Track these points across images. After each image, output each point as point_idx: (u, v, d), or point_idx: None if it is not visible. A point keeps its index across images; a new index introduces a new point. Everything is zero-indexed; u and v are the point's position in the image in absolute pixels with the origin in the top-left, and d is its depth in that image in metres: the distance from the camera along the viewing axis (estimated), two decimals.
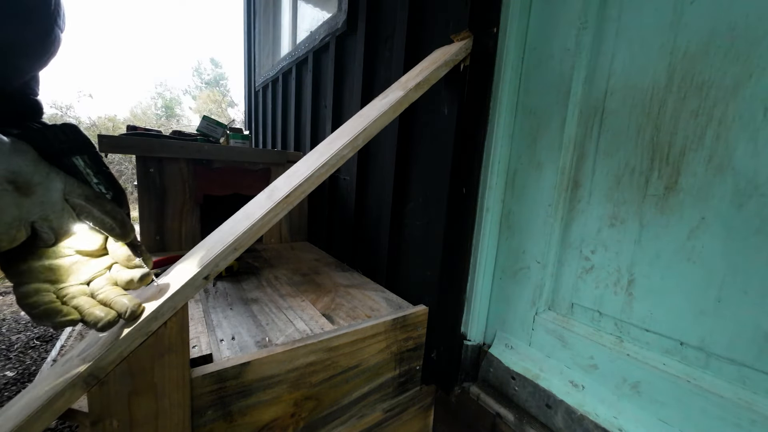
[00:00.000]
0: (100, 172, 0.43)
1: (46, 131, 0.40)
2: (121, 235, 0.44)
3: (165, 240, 1.25)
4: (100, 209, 0.42)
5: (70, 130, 0.41)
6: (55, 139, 0.40)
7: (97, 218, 0.42)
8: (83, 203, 0.41)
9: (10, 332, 1.78)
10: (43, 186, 0.38)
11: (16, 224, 0.37)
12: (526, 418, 0.72)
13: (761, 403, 0.49)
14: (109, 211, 0.43)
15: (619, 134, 0.63)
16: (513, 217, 0.80)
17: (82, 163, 0.42)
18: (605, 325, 0.67)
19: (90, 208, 0.41)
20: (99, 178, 0.43)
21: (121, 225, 0.44)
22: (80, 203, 0.41)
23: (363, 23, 1.11)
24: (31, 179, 0.37)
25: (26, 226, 0.38)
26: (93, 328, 0.41)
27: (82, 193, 0.41)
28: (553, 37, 0.71)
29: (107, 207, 0.43)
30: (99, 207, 0.42)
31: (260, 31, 2.62)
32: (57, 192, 0.39)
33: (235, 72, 18.72)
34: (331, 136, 0.69)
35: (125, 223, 0.44)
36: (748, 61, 0.49)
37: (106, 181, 0.44)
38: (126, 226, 0.44)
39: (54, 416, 0.40)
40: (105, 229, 0.43)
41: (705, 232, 0.54)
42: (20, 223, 0.37)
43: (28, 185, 0.37)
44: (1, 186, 0.35)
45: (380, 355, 0.75)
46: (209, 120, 1.56)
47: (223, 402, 0.56)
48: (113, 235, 0.44)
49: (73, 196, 0.41)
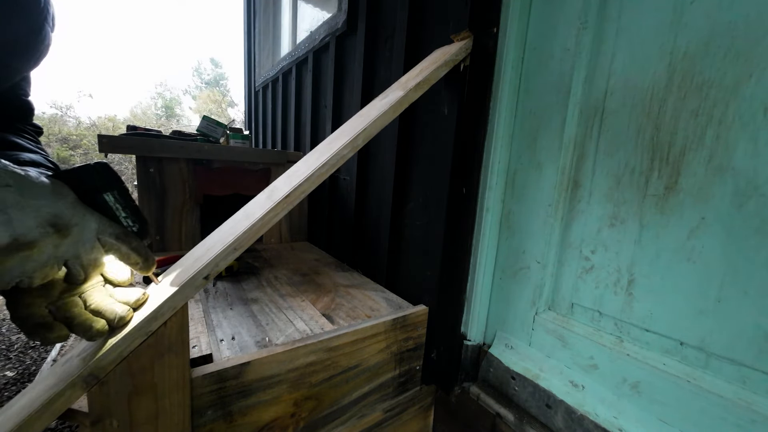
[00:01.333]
0: (127, 206, 0.45)
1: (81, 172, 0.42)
2: (143, 268, 0.47)
3: (165, 240, 1.25)
4: (128, 246, 0.45)
5: (103, 169, 0.43)
6: (90, 178, 0.42)
7: (125, 254, 0.45)
8: (114, 242, 0.43)
9: (10, 332, 1.78)
10: (79, 227, 0.40)
11: (51, 263, 0.38)
12: (526, 418, 0.72)
13: (761, 403, 0.49)
14: (135, 248, 0.45)
15: (619, 134, 0.63)
16: (513, 217, 0.80)
17: (112, 198, 0.44)
18: (605, 325, 0.67)
19: (119, 245, 0.44)
20: (127, 212, 0.45)
21: (145, 260, 0.47)
22: (111, 242, 0.43)
23: (363, 23, 1.11)
24: (70, 221, 0.39)
25: (59, 264, 0.39)
26: (83, 338, 0.42)
27: (113, 232, 0.43)
28: (553, 37, 0.71)
29: (134, 244, 0.45)
30: (127, 244, 0.44)
31: (260, 31, 2.62)
32: (91, 232, 0.41)
33: (235, 72, 18.72)
34: (331, 136, 0.69)
35: (148, 257, 0.47)
36: (748, 61, 0.49)
37: (132, 215, 0.46)
38: (149, 260, 0.47)
39: (54, 416, 0.40)
40: (130, 263, 0.46)
41: (705, 232, 0.54)
42: (55, 262, 0.38)
43: (67, 227, 0.39)
44: (44, 228, 0.37)
45: (380, 355, 0.75)
46: (209, 120, 1.56)
47: (223, 402, 0.56)
48: (136, 268, 0.47)
49: (105, 234, 0.42)
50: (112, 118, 8.14)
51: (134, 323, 0.45)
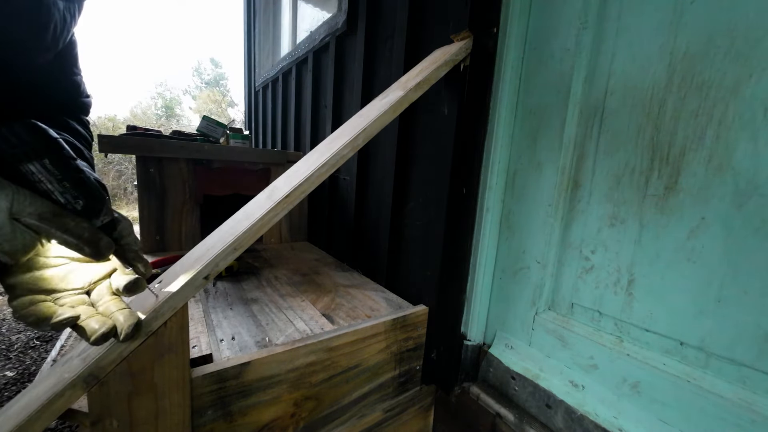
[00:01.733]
0: (66, 178, 0.36)
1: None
2: (92, 254, 0.37)
3: (165, 240, 1.25)
4: (59, 228, 0.35)
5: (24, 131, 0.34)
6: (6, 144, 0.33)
7: (59, 238, 0.36)
8: (37, 223, 0.34)
9: (10, 332, 1.78)
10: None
11: None
12: (526, 418, 0.72)
13: (761, 403, 0.49)
14: (71, 229, 0.36)
15: (619, 134, 0.63)
16: (513, 217, 0.80)
17: (39, 169, 0.34)
18: (605, 325, 0.67)
19: (47, 228, 0.35)
20: (64, 186, 0.36)
21: (90, 243, 0.37)
22: (34, 223, 0.34)
23: (363, 23, 1.11)
24: None
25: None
26: (86, 341, 0.39)
27: (34, 211, 0.34)
28: (553, 37, 0.71)
29: (69, 224, 0.36)
30: (58, 226, 0.35)
31: (260, 31, 2.62)
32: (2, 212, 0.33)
33: (235, 72, 18.73)
34: (331, 136, 0.69)
35: (95, 240, 0.37)
36: (748, 61, 0.49)
37: (75, 188, 0.36)
38: (97, 244, 0.37)
39: (54, 416, 0.40)
40: (72, 249, 0.37)
41: (705, 232, 0.53)
42: None
43: None
44: None
45: (380, 355, 0.75)
46: (209, 120, 1.56)
47: (223, 402, 0.56)
48: (84, 254, 0.37)
49: (24, 215, 0.34)
50: (112, 118, 8.14)
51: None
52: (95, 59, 45.72)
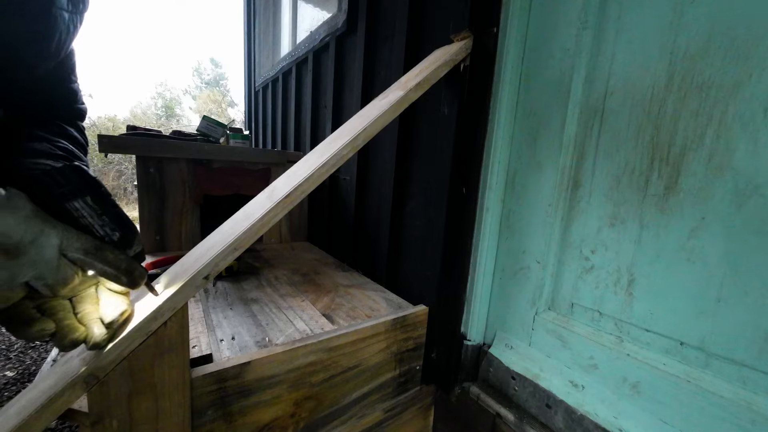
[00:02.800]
0: (105, 212, 0.40)
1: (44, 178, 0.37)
2: (128, 284, 0.42)
3: (165, 240, 1.25)
4: (101, 261, 0.39)
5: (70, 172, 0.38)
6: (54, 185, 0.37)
7: (99, 270, 0.40)
8: (83, 257, 0.38)
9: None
10: (35, 245, 0.35)
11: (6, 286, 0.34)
12: (526, 418, 0.72)
13: (761, 403, 0.49)
14: (110, 262, 0.40)
15: (619, 134, 0.63)
16: (513, 217, 0.80)
17: (83, 205, 0.39)
18: (605, 325, 0.67)
19: (91, 261, 0.39)
20: (104, 220, 0.40)
21: (127, 273, 0.41)
22: (79, 258, 0.38)
23: (363, 23, 1.11)
24: (20, 240, 0.34)
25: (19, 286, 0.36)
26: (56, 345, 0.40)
27: (80, 246, 0.38)
28: (553, 37, 0.71)
29: (109, 257, 0.40)
30: (100, 259, 0.39)
31: (260, 31, 2.62)
32: (52, 249, 0.36)
33: (235, 72, 18.74)
34: (331, 136, 0.69)
35: (131, 270, 0.41)
36: (748, 61, 0.49)
37: (113, 221, 0.41)
38: (132, 274, 0.42)
39: (54, 416, 0.40)
40: (110, 279, 0.41)
41: (705, 232, 0.53)
42: (11, 285, 0.35)
43: (17, 247, 0.34)
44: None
45: (380, 355, 0.75)
46: (209, 120, 1.56)
47: (223, 402, 0.56)
48: (120, 284, 0.41)
49: (71, 250, 0.37)
50: (112, 118, 8.14)
51: (134, 323, 0.45)
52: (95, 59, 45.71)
